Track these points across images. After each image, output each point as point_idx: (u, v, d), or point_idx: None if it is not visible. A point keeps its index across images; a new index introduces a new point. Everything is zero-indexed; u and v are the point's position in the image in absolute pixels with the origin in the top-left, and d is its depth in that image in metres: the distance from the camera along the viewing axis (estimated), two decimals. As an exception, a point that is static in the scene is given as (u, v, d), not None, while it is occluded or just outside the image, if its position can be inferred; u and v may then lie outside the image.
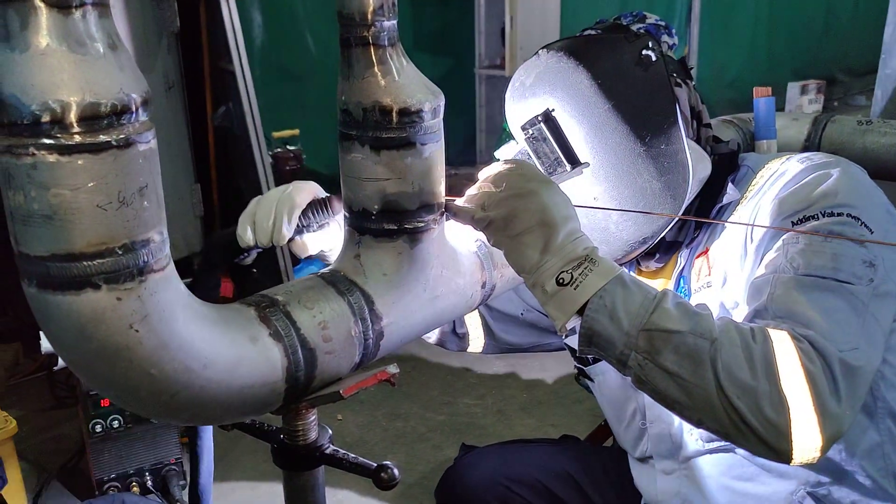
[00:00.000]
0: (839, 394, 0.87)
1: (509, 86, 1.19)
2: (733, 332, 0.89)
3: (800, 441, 0.86)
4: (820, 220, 0.99)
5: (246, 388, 0.82)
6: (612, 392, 1.29)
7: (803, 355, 0.87)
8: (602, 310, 0.90)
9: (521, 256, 0.94)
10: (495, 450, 1.46)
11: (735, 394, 0.86)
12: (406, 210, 0.96)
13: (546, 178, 0.98)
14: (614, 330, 0.90)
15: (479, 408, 2.74)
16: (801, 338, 0.89)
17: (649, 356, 0.89)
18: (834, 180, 1.03)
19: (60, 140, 0.64)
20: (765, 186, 1.10)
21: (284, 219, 1.02)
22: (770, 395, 0.85)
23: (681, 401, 0.89)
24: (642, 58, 1.10)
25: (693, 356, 0.87)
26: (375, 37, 0.90)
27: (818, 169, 1.06)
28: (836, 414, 0.86)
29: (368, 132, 0.93)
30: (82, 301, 0.68)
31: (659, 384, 0.89)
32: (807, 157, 1.11)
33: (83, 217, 0.66)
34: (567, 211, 0.95)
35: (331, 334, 0.90)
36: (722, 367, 0.86)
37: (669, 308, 0.89)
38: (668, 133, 1.08)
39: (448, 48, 5.08)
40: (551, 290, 0.92)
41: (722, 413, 0.87)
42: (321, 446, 0.98)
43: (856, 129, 1.73)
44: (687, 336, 0.88)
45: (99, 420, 2.20)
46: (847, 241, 0.97)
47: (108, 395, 0.77)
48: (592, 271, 0.91)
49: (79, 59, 0.64)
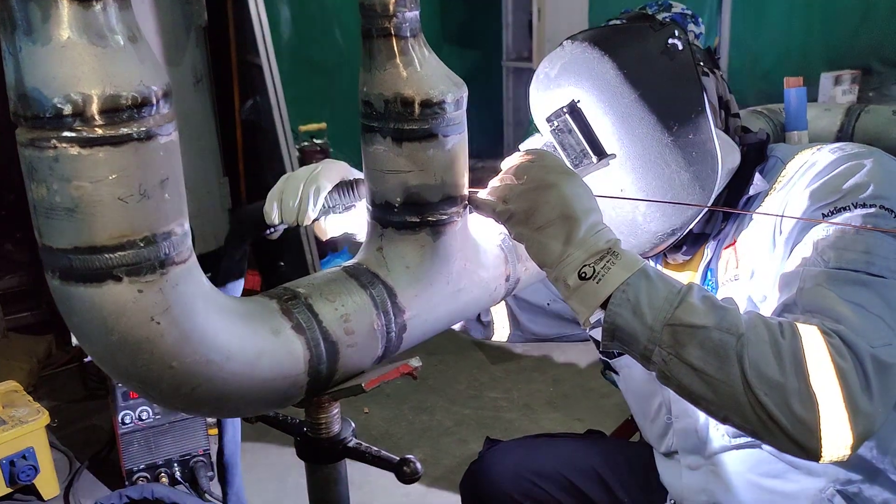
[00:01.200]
0: (871, 391, 0.84)
1: (534, 77, 1.17)
2: (761, 326, 0.87)
3: (829, 438, 0.84)
4: (852, 211, 0.97)
5: (268, 381, 0.82)
6: (638, 386, 1.28)
7: (834, 351, 0.85)
8: (625, 304, 0.88)
9: (543, 250, 0.93)
10: (520, 444, 1.45)
11: (762, 390, 0.83)
12: (429, 202, 0.95)
13: (568, 169, 0.97)
14: (638, 324, 0.88)
15: (506, 402, 2.73)
16: (831, 333, 0.86)
17: (674, 351, 0.87)
18: (867, 171, 1.00)
19: (82, 133, 0.64)
20: (794, 177, 1.08)
21: (311, 200, 1.00)
22: (799, 391, 0.83)
23: (706, 397, 0.87)
24: (668, 47, 1.08)
25: (719, 352, 0.85)
26: (397, 28, 0.90)
27: (850, 159, 1.03)
28: (867, 411, 0.84)
29: (390, 124, 0.92)
30: (104, 293, 0.69)
31: (683, 380, 0.88)
32: (838, 147, 1.08)
33: (105, 210, 0.66)
34: (589, 203, 0.94)
35: (353, 327, 0.89)
36: (749, 362, 0.84)
37: (695, 302, 0.88)
38: (695, 122, 1.06)
39: (475, 41, 5.06)
40: (573, 285, 0.90)
41: (749, 410, 0.85)
42: (344, 439, 0.98)
43: (891, 119, 1.69)
44: (713, 331, 0.86)
45: (128, 411, 2.23)
46: (880, 233, 0.94)
47: (131, 387, 0.77)
48: (615, 264, 0.89)
49: (99, 51, 0.64)
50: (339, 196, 1.04)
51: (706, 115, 1.07)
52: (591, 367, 2.91)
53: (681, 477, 1.24)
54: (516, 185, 0.96)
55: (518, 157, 1.00)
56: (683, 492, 1.24)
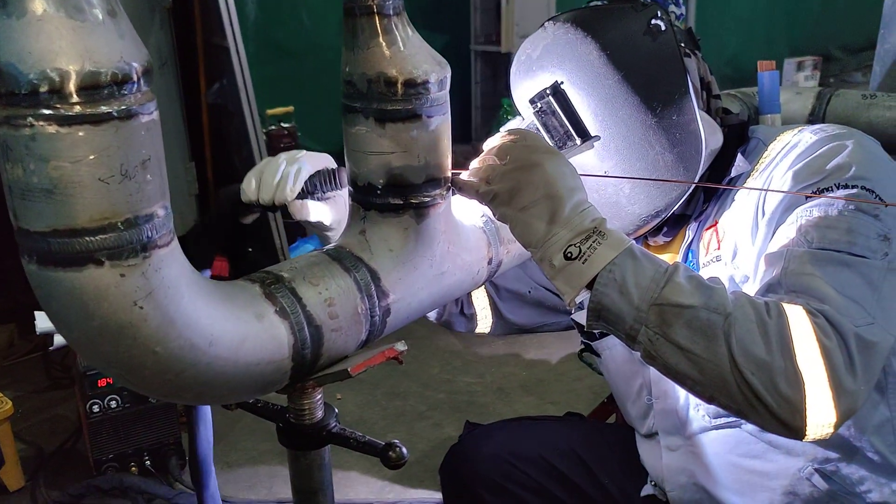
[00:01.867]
0: (855, 369, 0.85)
1: (515, 59, 1.16)
2: (747, 306, 0.87)
3: (814, 417, 0.84)
4: (835, 192, 0.97)
5: (252, 366, 0.80)
6: (619, 367, 1.28)
7: (819, 330, 0.85)
8: (612, 283, 0.88)
9: (528, 230, 0.92)
10: (500, 427, 1.45)
11: (749, 369, 0.84)
12: (412, 184, 0.94)
13: (551, 148, 0.96)
14: (624, 304, 0.88)
15: (479, 386, 2.74)
16: (816, 313, 0.87)
17: (660, 331, 0.87)
18: (849, 152, 1.01)
19: (60, 110, 0.62)
20: (777, 158, 1.08)
21: (291, 178, 0.99)
22: (785, 370, 0.84)
23: (692, 376, 0.87)
24: (651, 27, 1.08)
25: (706, 331, 0.85)
26: (380, 6, 0.88)
27: (832, 140, 1.04)
28: (851, 390, 0.85)
29: (373, 104, 0.91)
30: (84, 278, 0.66)
31: (670, 359, 0.88)
32: (820, 129, 1.08)
33: (84, 191, 0.64)
34: (574, 182, 0.93)
35: (337, 311, 0.88)
36: (736, 342, 0.84)
37: (681, 282, 0.88)
38: (679, 104, 1.06)
39: (443, 24, 5.03)
40: (559, 265, 0.90)
41: (735, 389, 0.85)
42: (327, 425, 0.96)
43: (860, 104, 1.71)
44: (700, 311, 0.86)
45: (97, 400, 2.19)
46: (862, 214, 0.95)
47: (111, 375, 0.75)
48: (601, 244, 0.88)
49: (77, 25, 0.61)
50: (320, 183, 1.03)
51: (690, 97, 1.07)
52: (564, 352, 2.92)
53: (661, 458, 1.25)
54: (499, 165, 0.95)
55: (500, 138, 0.99)
56: (664, 472, 1.25)
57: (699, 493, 1.21)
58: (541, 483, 1.34)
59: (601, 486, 1.34)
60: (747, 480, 1.14)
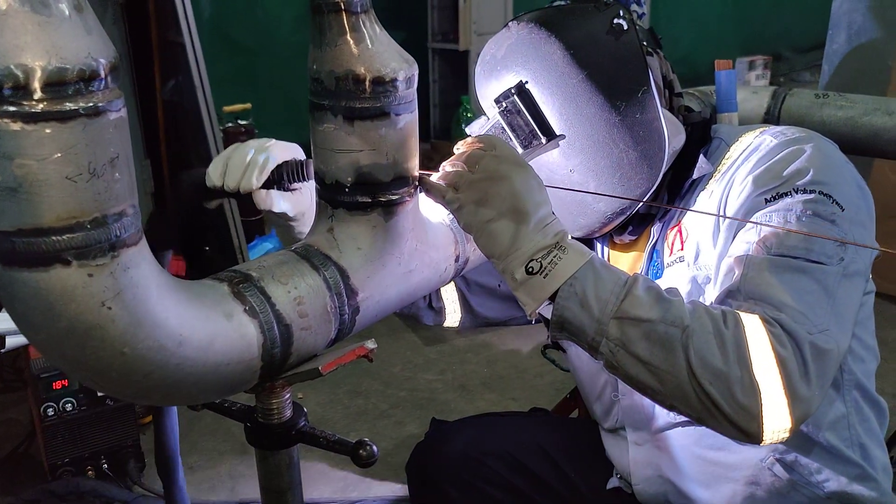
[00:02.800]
0: (809, 377, 0.88)
1: (479, 59, 1.16)
2: (705, 317, 0.89)
3: (770, 424, 0.87)
4: (793, 196, 0.99)
5: (221, 366, 0.80)
6: (585, 364, 1.30)
7: (774, 340, 0.88)
8: (573, 297, 0.90)
9: (491, 242, 0.93)
10: (467, 423, 1.45)
11: (707, 380, 0.86)
12: (380, 182, 0.94)
13: (520, 160, 0.97)
14: (585, 317, 0.90)
15: (440, 383, 2.74)
16: (772, 321, 0.89)
17: (621, 344, 0.89)
18: (807, 156, 1.03)
19: (24, 107, 0.60)
20: (738, 160, 1.10)
21: (257, 167, 0.98)
22: (742, 380, 0.86)
23: (653, 387, 0.90)
24: (614, 26, 1.09)
25: (665, 344, 0.88)
26: (348, 3, 0.88)
27: (791, 144, 1.06)
28: (805, 397, 0.87)
29: (341, 102, 0.90)
30: (51, 278, 0.65)
31: (630, 370, 0.90)
32: (780, 132, 1.10)
33: (51, 189, 0.63)
34: (540, 196, 0.94)
35: (306, 310, 0.87)
36: (694, 353, 0.87)
37: (640, 294, 0.90)
38: (642, 102, 1.08)
39: (400, 22, 5.01)
40: (520, 278, 0.91)
41: (694, 398, 0.88)
42: (296, 424, 0.96)
43: (814, 103, 1.75)
44: (658, 324, 0.88)
45: (51, 403, 2.14)
46: (820, 220, 0.97)
47: (77, 377, 0.74)
48: (562, 259, 0.90)
49: (43, 20, 0.60)
50: (287, 175, 1.02)
51: (652, 95, 1.09)
52: (525, 348, 2.94)
53: (627, 452, 1.26)
54: (467, 173, 0.95)
55: (472, 143, 0.99)
56: (630, 467, 1.26)
57: (665, 485, 1.23)
58: (508, 479, 1.35)
59: (568, 480, 1.35)
60: (712, 472, 1.16)
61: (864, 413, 1.12)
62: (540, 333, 2.93)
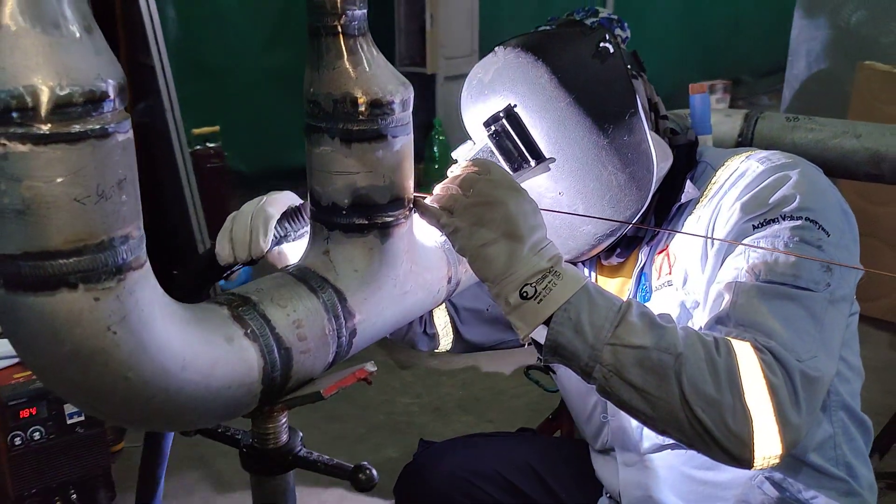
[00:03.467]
0: (799, 404, 0.90)
1: (466, 84, 1.17)
2: (697, 344, 0.90)
3: (761, 450, 0.88)
4: (780, 223, 1.01)
5: (223, 390, 0.79)
6: (575, 385, 1.30)
7: (766, 367, 0.89)
8: (567, 322, 0.90)
9: (486, 266, 0.94)
10: (455, 444, 1.45)
11: (700, 406, 0.87)
12: (377, 204, 0.94)
13: (515, 184, 0.97)
14: (579, 343, 0.90)
15: (417, 406, 2.73)
16: (763, 349, 0.91)
17: (614, 370, 0.90)
18: (793, 183, 1.04)
19: (34, 129, 0.60)
20: (725, 185, 1.11)
21: (260, 231, 1.00)
22: (734, 407, 0.87)
23: (645, 412, 0.91)
24: (600, 50, 1.10)
25: (658, 371, 0.88)
26: (345, 26, 0.88)
27: (778, 171, 1.07)
28: (796, 423, 0.89)
29: (339, 124, 0.90)
30: (57, 302, 0.64)
31: (623, 396, 0.91)
32: (766, 158, 1.12)
33: (59, 212, 0.62)
34: (534, 220, 0.95)
35: (305, 333, 0.87)
36: (687, 380, 0.88)
37: (634, 321, 0.90)
38: (629, 124, 1.09)
39: (369, 44, 5.04)
40: (514, 303, 0.92)
41: (686, 425, 0.89)
42: (293, 449, 0.95)
43: (785, 126, 1.79)
44: (652, 351, 0.89)
45: (19, 432, 2.08)
46: (807, 245, 0.99)
47: (76, 403, 0.72)
48: (557, 285, 0.91)
49: (54, 41, 0.59)
50: (289, 224, 1.03)
51: (640, 117, 1.10)
52: (499, 370, 2.94)
53: (616, 473, 1.27)
54: (462, 197, 0.96)
55: (464, 167, 1.00)
56: (619, 487, 1.27)
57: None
58: (498, 499, 1.34)
59: (557, 500, 1.35)
60: (702, 491, 1.17)
61: (850, 433, 1.14)
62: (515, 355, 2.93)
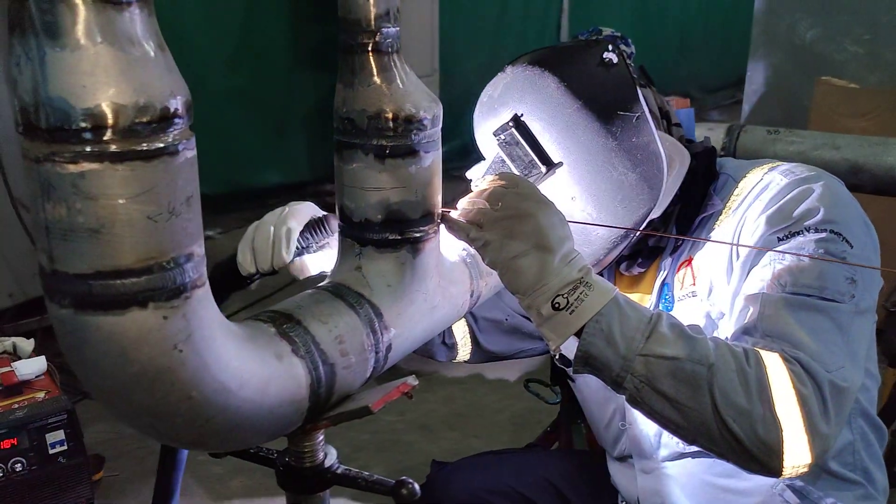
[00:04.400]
0: (828, 414, 0.91)
1: (477, 104, 1.18)
2: (728, 355, 0.92)
3: (790, 459, 0.90)
4: (805, 235, 1.03)
5: (275, 408, 0.78)
6: (593, 393, 1.31)
7: (795, 378, 0.91)
8: (599, 334, 0.91)
9: (517, 279, 0.94)
10: (468, 463, 1.44)
11: (731, 417, 0.89)
12: (409, 219, 0.95)
13: (543, 197, 0.98)
14: (611, 354, 0.91)
15: (402, 423, 2.72)
16: (792, 360, 0.92)
17: (646, 380, 0.91)
18: (817, 196, 1.06)
19: (110, 147, 0.59)
20: (748, 198, 1.13)
21: (283, 242, 1.00)
22: (764, 417, 0.89)
23: (676, 422, 0.92)
24: (604, 59, 1.13)
25: (691, 382, 0.90)
26: (380, 43, 0.89)
27: (801, 183, 1.09)
28: (825, 433, 0.91)
29: (372, 140, 0.91)
30: (127, 321, 0.63)
31: (655, 406, 0.92)
32: (789, 170, 1.13)
33: (133, 230, 0.61)
34: (563, 231, 0.96)
35: (347, 349, 0.87)
36: (718, 391, 0.89)
37: (665, 332, 0.92)
38: (637, 126, 1.10)
39: (330, 63, 5.03)
40: (546, 314, 0.93)
41: (717, 435, 0.90)
42: (331, 466, 0.94)
43: (766, 138, 1.85)
44: (685, 362, 0.90)
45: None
46: (831, 257, 1.01)
47: (137, 424, 0.71)
48: (588, 296, 0.92)
49: (131, 59, 0.59)
50: (311, 235, 1.03)
51: (646, 118, 1.11)
52: (480, 385, 2.95)
53: (635, 480, 1.28)
54: (490, 211, 0.96)
55: (491, 181, 1.00)
56: (638, 495, 1.28)
57: None
58: (517, 516, 1.34)
59: (576, 512, 1.35)
60: (723, 498, 1.18)
61: (868, 439, 1.17)
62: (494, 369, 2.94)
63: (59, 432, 2.03)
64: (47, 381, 2.10)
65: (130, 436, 2.58)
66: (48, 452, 2.07)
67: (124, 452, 2.52)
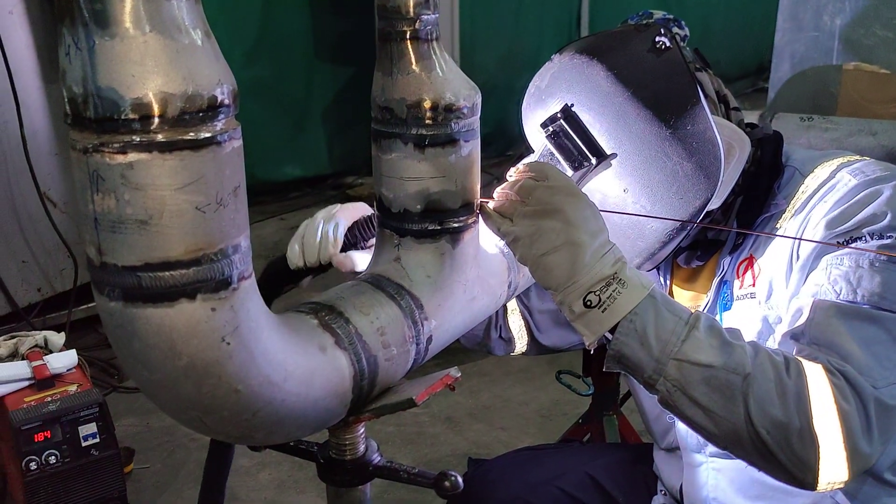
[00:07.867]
0: (871, 433, 0.86)
1: (526, 94, 1.15)
2: (767, 364, 0.88)
3: (826, 476, 0.86)
4: (867, 241, 0.97)
5: (320, 400, 0.78)
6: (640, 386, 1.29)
7: (838, 392, 0.86)
8: (632, 334, 0.88)
9: (548, 275, 0.91)
10: (507, 461, 1.41)
11: (765, 428, 0.86)
12: (449, 209, 0.93)
13: (574, 189, 0.95)
14: (644, 355, 0.88)
15: (427, 416, 2.71)
16: (836, 373, 0.88)
17: (679, 385, 0.88)
18: (885, 199, 1.00)
19: (159, 136, 0.59)
20: (814, 198, 1.08)
21: (330, 235, 1.01)
22: (800, 431, 0.85)
23: (707, 428, 0.89)
24: (655, 44, 1.08)
25: (724, 391, 0.86)
26: (419, 31, 0.88)
27: (871, 185, 1.03)
28: (865, 453, 0.86)
29: (412, 129, 0.90)
30: (175, 314, 0.63)
31: (686, 411, 0.89)
32: (859, 170, 1.07)
33: (182, 220, 0.61)
34: (595, 224, 0.92)
35: (389, 340, 0.86)
36: (753, 402, 0.86)
37: (702, 337, 0.88)
38: (692, 113, 1.05)
39: (350, 56, 5.03)
40: (578, 311, 0.90)
41: (749, 445, 0.87)
42: (372, 459, 0.94)
43: (799, 125, 1.82)
44: (719, 371, 0.87)
45: (34, 457, 2.03)
46: (894, 266, 0.95)
47: (184, 417, 0.71)
48: (621, 293, 0.89)
49: (180, 47, 0.59)
50: (360, 233, 1.05)
51: (702, 105, 1.06)
52: (506, 378, 2.94)
53: (680, 471, 1.26)
54: (520, 205, 0.94)
55: (521, 171, 0.98)
56: (685, 487, 1.26)
57: None
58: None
59: (617, 505, 1.33)
60: (772, 496, 1.15)
61: None
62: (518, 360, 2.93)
63: (92, 425, 2.04)
64: (78, 374, 2.11)
65: (159, 429, 2.60)
66: (81, 445, 2.08)
67: (153, 446, 2.53)
